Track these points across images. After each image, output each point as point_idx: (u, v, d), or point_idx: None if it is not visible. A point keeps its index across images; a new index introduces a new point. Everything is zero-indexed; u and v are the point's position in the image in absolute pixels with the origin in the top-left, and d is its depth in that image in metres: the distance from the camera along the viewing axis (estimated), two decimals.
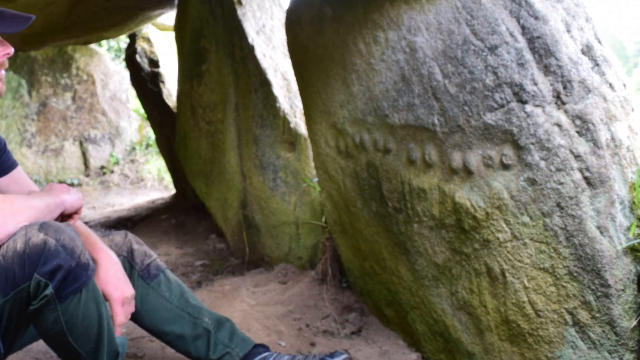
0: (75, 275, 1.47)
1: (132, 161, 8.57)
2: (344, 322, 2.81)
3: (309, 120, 2.77)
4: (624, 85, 1.71)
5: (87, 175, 8.31)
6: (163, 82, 5.80)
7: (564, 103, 1.64)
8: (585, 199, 1.59)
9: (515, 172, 1.71)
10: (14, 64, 7.69)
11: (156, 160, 8.39)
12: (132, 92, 8.20)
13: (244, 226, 3.87)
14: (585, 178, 1.60)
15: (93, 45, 8.18)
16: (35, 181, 7.63)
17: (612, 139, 1.62)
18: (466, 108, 1.81)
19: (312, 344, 2.63)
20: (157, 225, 5.22)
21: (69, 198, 1.68)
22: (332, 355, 2.19)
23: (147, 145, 8.82)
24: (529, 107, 1.66)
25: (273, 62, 3.53)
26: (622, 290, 1.56)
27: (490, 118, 1.75)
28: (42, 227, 1.46)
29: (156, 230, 5.04)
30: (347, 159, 2.47)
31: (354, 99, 2.31)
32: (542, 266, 1.69)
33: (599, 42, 1.73)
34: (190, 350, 2.06)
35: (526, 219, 1.71)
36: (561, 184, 1.62)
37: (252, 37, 3.56)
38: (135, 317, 1.99)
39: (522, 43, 1.68)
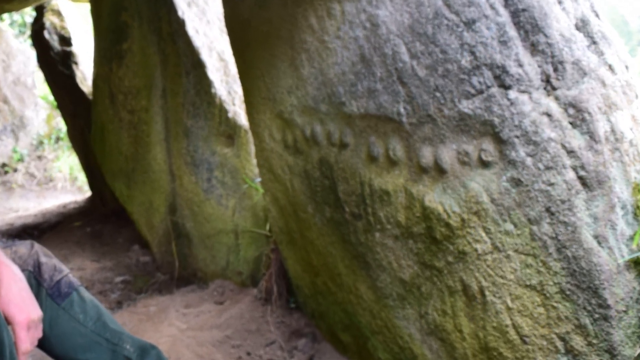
0: None
1: (40, 158, 8.56)
2: (292, 350, 2.81)
3: (250, 109, 2.74)
4: (626, 67, 1.70)
5: None
6: (76, 63, 5.79)
7: (554, 88, 1.62)
8: (580, 203, 1.58)
9: (497, 170, 1.70)
10: None
11: (68, 156, 8.40)
12: (39, 76, 8.11)
13: (172, 235, 3.87)
14: (580, 178, 1.58)
15: None
16: None
17: (612, 131, 1.61)
18: (438, 94, 1.79)
19: None
20: (69, 235, 5.22)
21: None
22: None
23: (58, 139, 8.81)
24: (512, 94, 1.64)
25: (207, 39, 3.53)
26: (624, 311, 1.55)
27: (466, 106, 1.72)
28: None
29: (68, 241, 5.04)
30: (296, 155, 2.45)
31: (304, 84, 2.29)
32: (528, 283, 1.67)
33: (597, 15, 1.72)
34: None
35: (509, 226, 1.69)
36: (551, 184, 1.60)
37: (183, 9, 3.54)
38: (43, 344, 1.92)
39: (504, 17, 1.66)
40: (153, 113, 3.84)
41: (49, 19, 5.93)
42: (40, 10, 6.05)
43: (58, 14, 5.96)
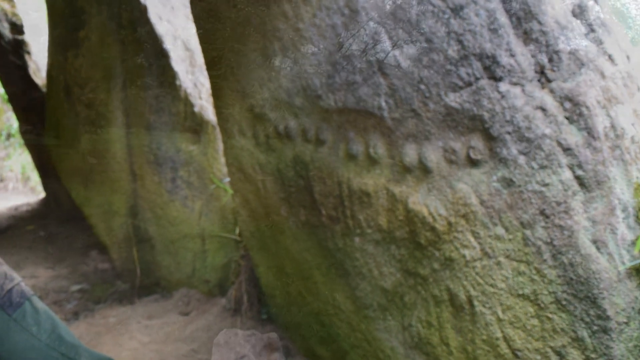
0: None
1: None
2: None
3: (218, 102, 2.73)
4: (628, 57, 1.71)
5: None
6: (29, 53, 5.73)
7: (549, 80, 1.62)
8: (577, 205, 1.58)
9: (487, 170, 1.69)
10: None
11: (20, 154, 8.40)
12: None
13: (134, 240, 3.86)
14: (577, 178, 1.58)
15: None
16: None
17: (612, 126, 1.61)
18: (422, 87, 1.78)
19: None
20: (20, 239, 5.20)
21: None
22: None
23: (9, 136, 8.80)
24: (503, 86, 1.63)
25: (172, 27, 3.52)
26: (625, 323, 1.55)
27: (453, 100, 1.72)
28: None
29: (20, 246, 5.02)
30: (268, 152, 2.44)
31: (276, 76, 2.27)
32: (521, 292, 1.67)
33: (595, 1, 1.72)
34: None
35: (500, 231, 1.69)
36: (546, 185, 1.60)
37: None
38: None
39: (494, 2, 1.66)
40: (112, 107, 3.81)
41: None
42: None
43: None
